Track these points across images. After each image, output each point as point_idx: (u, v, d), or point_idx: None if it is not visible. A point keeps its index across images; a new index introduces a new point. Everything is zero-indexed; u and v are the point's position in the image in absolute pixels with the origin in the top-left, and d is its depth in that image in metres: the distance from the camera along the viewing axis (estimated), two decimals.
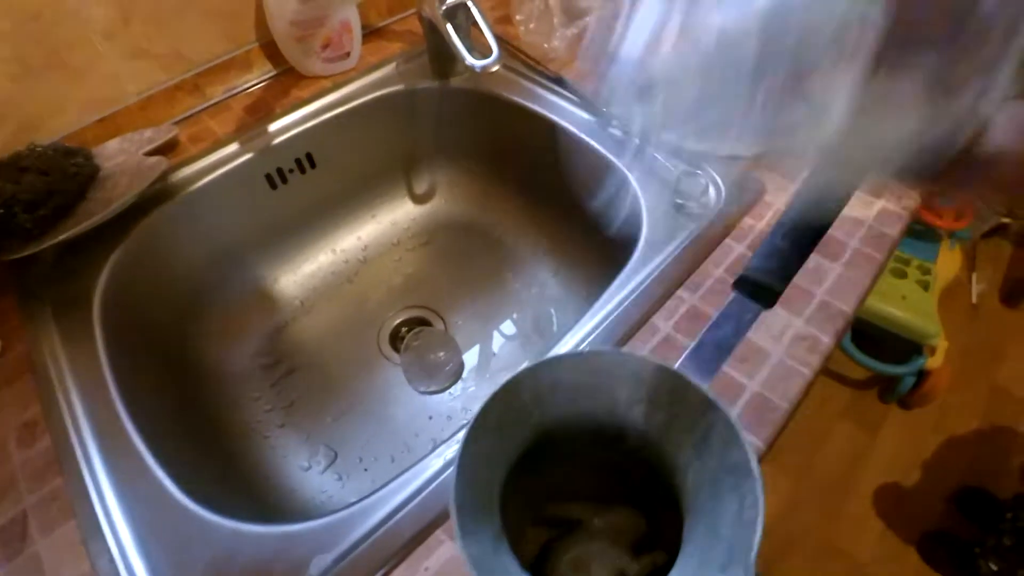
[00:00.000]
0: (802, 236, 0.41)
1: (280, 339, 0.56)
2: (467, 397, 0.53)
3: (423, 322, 0.58)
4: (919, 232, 1.10)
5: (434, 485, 0.33)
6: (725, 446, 0.22)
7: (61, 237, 0.44)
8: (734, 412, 0.24)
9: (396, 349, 0.56)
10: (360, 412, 0.53)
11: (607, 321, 0.40)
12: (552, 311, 0.58)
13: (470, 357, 0.56)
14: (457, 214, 0.65)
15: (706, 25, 0.18)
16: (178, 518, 0.33)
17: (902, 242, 1.04)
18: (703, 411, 0.23)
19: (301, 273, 0.60)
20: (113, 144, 0.52)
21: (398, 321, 0.58)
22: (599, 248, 0.53)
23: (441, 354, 0.54)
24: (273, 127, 0.54)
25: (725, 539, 0.21)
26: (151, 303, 0.49)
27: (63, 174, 0.47)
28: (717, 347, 0.38)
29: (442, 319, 0.59)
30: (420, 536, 0.32)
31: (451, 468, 0.23)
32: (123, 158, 0.51)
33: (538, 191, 0.61)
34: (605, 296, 0.41)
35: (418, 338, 0.55)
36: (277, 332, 0.57)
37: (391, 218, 0.64)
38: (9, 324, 0.43)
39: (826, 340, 0.39)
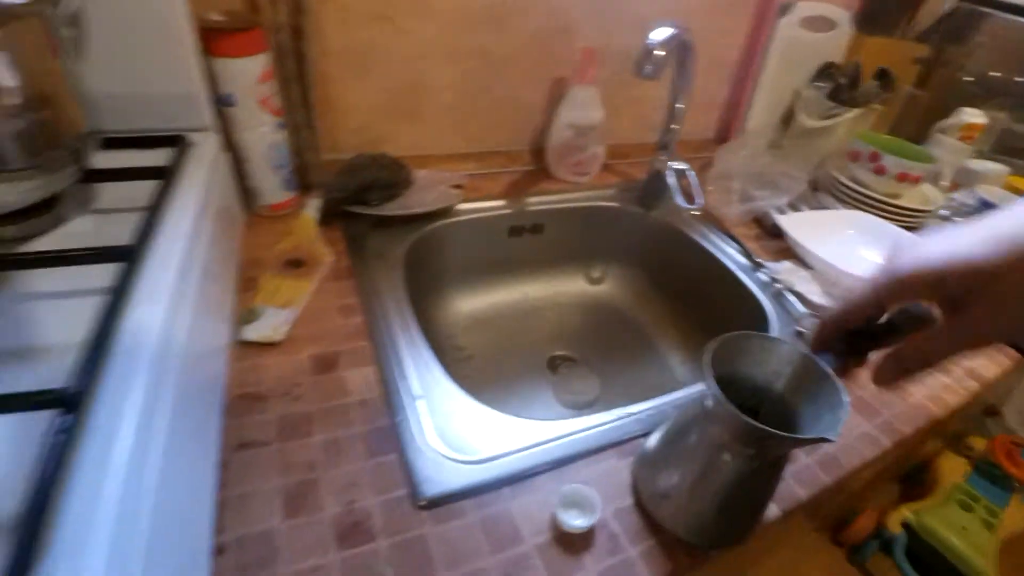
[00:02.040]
0: None
1: (470, 331, 0.76)
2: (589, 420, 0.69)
3: (573, 360, 0.76)
4: (995, 477, 1.15)
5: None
6: (830, 398, 0.34)
7: (386, 213, 0.68)
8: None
9: (551, 370, 0.74)
10: (510, 402, 0.69)
11: None
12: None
13: (601, 393, 0.73)
14: (618, 301, 0.86)
15: None
16: (444, 388, 0.50)
17: (974, 481, 1.10)
18: (821, 381, 0.35)
19: (500, 296, 0.82)
20: (423, 172, 0.79)
21: (557, 353, 0.77)
22: None
23: (582, 384, 0.71)
24: (525, 199, 0.79)
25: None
26: (423, 267, 0.71)
27: (396, 176, 0.72)
28: None
29: (588, 364, 0.76)
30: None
31: None
32: (429, 182, 0.77)
33: (685, 301, 0.81)
34: None
35: (569, 369, 0.73)
36: (470, 326, 0.77)
37: (571, 285, 0.86)
38: (338, 248, 0.66)
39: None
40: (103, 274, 0.35)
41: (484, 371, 0.72)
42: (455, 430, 0.47)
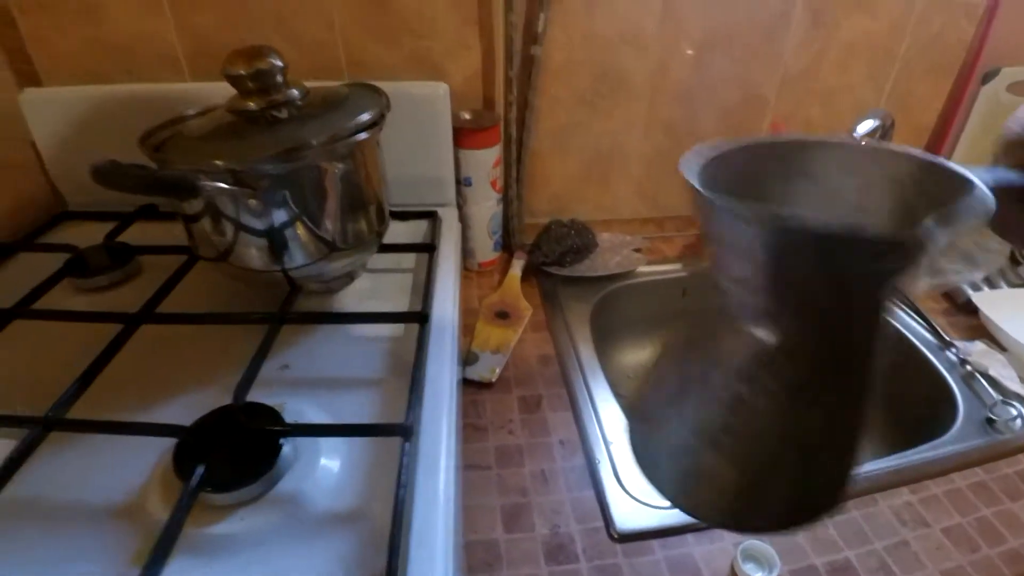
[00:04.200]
0: None
1: (633, 383, 0.83)
2: None
3: None
4: None
5: None
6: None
7: (577, 274, 0.78)
8: None
9: None
10: None
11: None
12: None
13: None
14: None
15: None
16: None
17: None
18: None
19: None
20: (606, 235, 0.88)
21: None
22: (910, 425, 0.69)
23: None
24: (699, 263, 0.85)
25: None
26: (603, 322, 0.80)
27: (587, 240, 0.83)
28: None
29: None
30: None
31: None
32: (612, 245, 0.86)
33: None
34: (911, 452, 0.58)
35: None
36: (634, 378, 0.84)
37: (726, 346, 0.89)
38: (534, 302, 0.77)
39: None
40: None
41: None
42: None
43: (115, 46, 0.67)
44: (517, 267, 0.78)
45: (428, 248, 0.60)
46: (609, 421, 0.60)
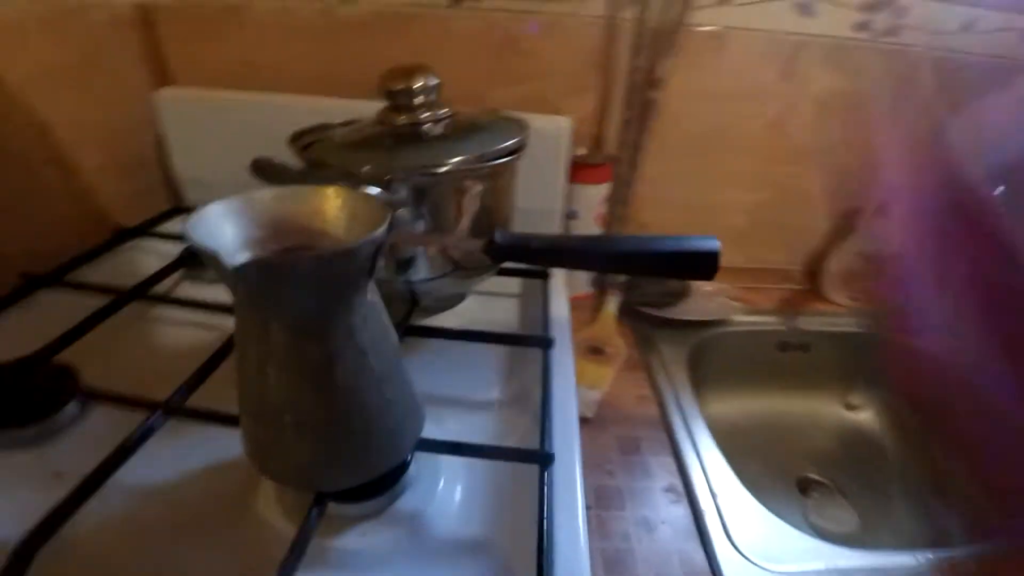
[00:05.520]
0: None
1: (719, 434, 0.80)
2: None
3: (826, 486, 0.76)
4: None
5: None
6: None
7: (675, 316, 0.77)
8: None
9: (801, 491, 0.74)
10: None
11: None
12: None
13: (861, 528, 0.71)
14: (878, 433, 0.83)
15: None
16: (735, 489, 0.56)
17: None
18: None
19: (756, 405, 0.84)
20: (703, 282, 0.87)
21: (808, 475, 0.77)
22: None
23: (838, 512, 0.71)
24: (796, 317, 0.83)
25: None
26: (705, 368, 0.77)
27: (684, 285, 0.81)
28: None
29: (843, 493, 0.75)
30: None
31: None
32: (706, 291, 0.85)
33: (958, 445, 0.75)
34: None
35: (821, 494, 0.73)
36: (721, 429, 0.80)
37: (829, 408, 0.86)
38: (628, 340, 0.76)
39: None
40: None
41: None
42: (751, 532, 0.51)
43: (250, 58, 0.72)
44: (613, 304, 0.77)
45: (542, 274, 0.60)
46: (714, 471, 0.57)
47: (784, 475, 0.77)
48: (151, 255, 0.63)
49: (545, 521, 0.34)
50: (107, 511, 0.33)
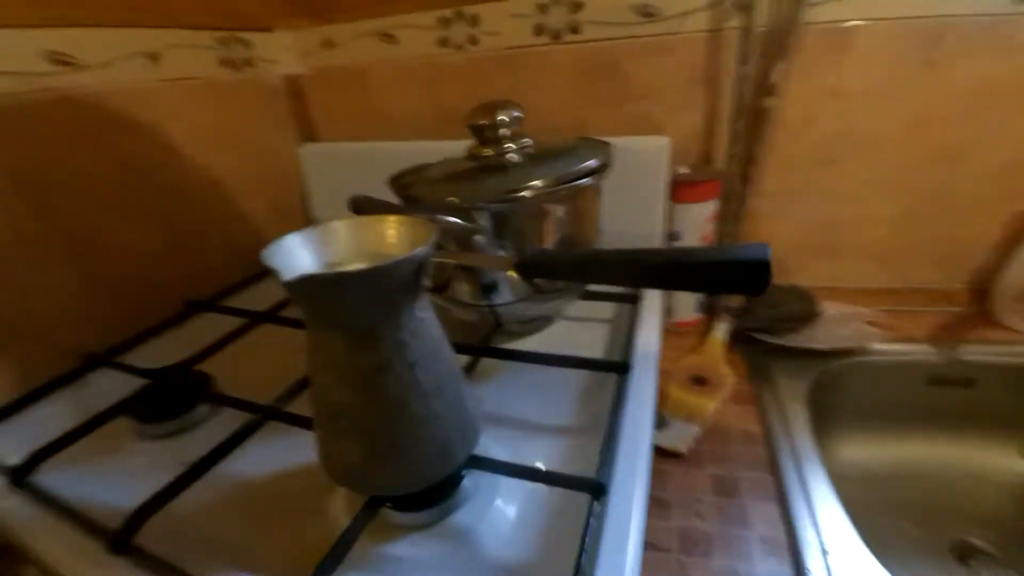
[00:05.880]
0: None
1: (854, 484, 0.70)
2: None
3: (991, 556, 0.62)
4: None
5: None
6: None
7: (796, 345, 0.69)
8: None
9: (957, 559, 0.61)
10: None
11: None
12: None
13: None
14: None
15: None
16: (855, 550, 0.48)
17: None
18: None
19: (903, 452, 0.73)
20: (831, 304, 0.77)
21: (969, 540, 0.63)
22: None
23: None
24: (956, 346, 0.69)
25: None
26: (830, 405, 0.67)
27: (809, 309, 0.73)
28: None
29: (1015, 567, 0.61)
30: None
31: None
32: (839, 316, 0.75)
33: None
34: None
35: (985, 565, 0.60)
36: (856, 477, 0.70)
37: (1000, 459, 0.70)
38: (738, 371, 0.69)
39: None
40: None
41: (863, 536, 0.64)
42: None
43: (376, 111, 0.82)
44: (721, 330, 0.72)
45: (631, 299, 0.59)
46: (829, 525, 0.50)
47: (934, 539, 0.64)
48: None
49: (585, 555, 0.32)
50: (205, 495, 0.40)
